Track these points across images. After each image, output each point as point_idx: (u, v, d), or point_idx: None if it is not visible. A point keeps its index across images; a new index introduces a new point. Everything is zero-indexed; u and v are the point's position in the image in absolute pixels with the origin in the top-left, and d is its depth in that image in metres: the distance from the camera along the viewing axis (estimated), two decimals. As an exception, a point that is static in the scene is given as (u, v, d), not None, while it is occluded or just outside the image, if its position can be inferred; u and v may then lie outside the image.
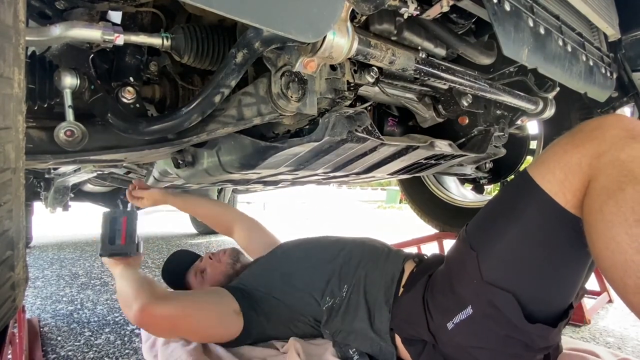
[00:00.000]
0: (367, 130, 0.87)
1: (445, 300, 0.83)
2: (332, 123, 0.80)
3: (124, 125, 0.67)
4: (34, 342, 1.18)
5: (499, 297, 0.74)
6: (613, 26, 1.08)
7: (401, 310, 0.93)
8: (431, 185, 2.16)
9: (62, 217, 3.58)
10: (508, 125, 1.26)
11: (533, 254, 0.74)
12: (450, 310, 0.81)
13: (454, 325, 0.80)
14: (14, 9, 0.36)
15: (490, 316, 0.76)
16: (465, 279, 0.80)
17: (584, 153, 0.68)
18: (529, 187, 0.74)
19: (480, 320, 0.77)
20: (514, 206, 0.77)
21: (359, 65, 0.84)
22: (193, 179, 1.03)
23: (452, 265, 0.87)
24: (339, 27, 0.60)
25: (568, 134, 0.73)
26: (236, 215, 1.50)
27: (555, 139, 0.76)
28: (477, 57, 0.88)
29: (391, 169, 1.22)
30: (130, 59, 0.72)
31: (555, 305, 0.77)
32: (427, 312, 0.86)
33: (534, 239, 0.73)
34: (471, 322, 0.78)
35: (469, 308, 0.78)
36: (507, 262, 0.76)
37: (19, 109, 0.41)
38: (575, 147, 0.69)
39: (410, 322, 0.90)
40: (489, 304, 0.75)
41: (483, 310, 0.76)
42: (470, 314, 0.78)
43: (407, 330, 0.91)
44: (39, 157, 0.67)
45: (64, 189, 2.16)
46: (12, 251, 0.54)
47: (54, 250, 2.86)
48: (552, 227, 0.72)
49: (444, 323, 0.82)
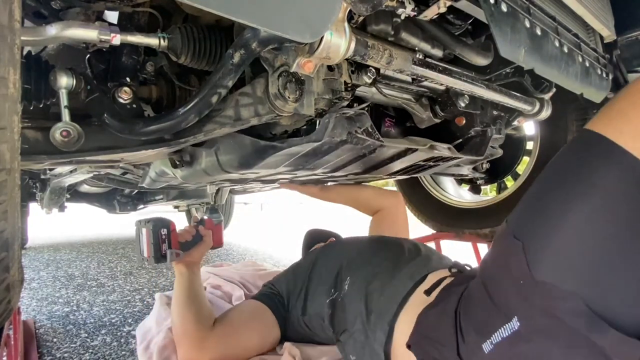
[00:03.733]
0: (367, 131, 0.87)
1: (482, 313, 0.62)
2: (332, 124, 0.80)
3: (121, 125, 0.66)
4: (29, 344, 1.17)
5: (559, 299, 0.52)
6: (609, 27, 1.08)
7: (424, 325, 0.74)
8: (428, 186, 2.16)
9: (58, 218, 3.56)
10: (505, 126, 1.27)
11: (609, 237, 0.52)
12: (488, 325, 0.59)
13: (493, 347, 0.58)
14: (9, 9, 0.36)
15: (545, 330, 0.53)
16: (508, 280, 0.58)
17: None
18: (600, 147, 0.54)
19: (532, 338, 0.54)
20: (577, 175, 0.55)
21: (356, 66, 0.84)
22: (191, 179, 1.03)
23: (490, 269, 0.66)
24: (337, 27, 0.60)
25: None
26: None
27: (626, 87, 0.56)
28: (474, 58, 0.88)
29: (390, 170, 1.22)
30: (127, 59, 0.72)
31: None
32: (459, 330, 0.65)
33: (611, 217, 0.52)
34: (518, 341, 0.55)
35: (514, 320, 0.56)
36: (570, 251, 0.53)
37: (14, 109, 0.41)
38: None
39: (434, 341, 0.69)
40: (543, 311, 0.53)
41: (535, 321, 0.54)
42: (517, 329, 0.55)
43: (428, 351, 0.70)
44: (35, 157, 0.67)
45: (59, 189, 2.15)
46: (7, 252, 0.53)
47: (49, 251, 2.84)
48: (637, 198, 0.51)
49: (479, 344, 0.59)
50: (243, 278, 1.72)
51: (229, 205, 3.68)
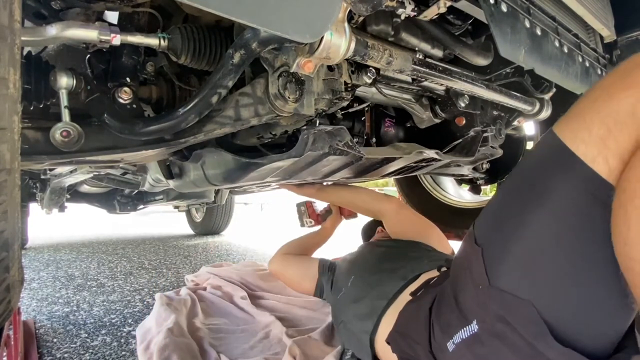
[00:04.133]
0: (347, 145, 0.85)
1: (449, 313, 0.64)
2: (312, 139, 0.79)
3: (121, 125, 0.66)
4: (29, 345, 1.17)
5: (513, 307, 0.53)
6: (609, 27, 1.08)
7: (401, 322, 0.78)
8: (428, 186, 2.17)
9: (58, 218, 3.56)
10: (505, 126, 1.27)
11: (561, 246, 0.51)
12: (451, 325, 0.62)
13: (455, 346, 0.60)
14: (9, 9, 0.36)
15: (500, 335, 0.54)
16: (469, 284, 0.60)
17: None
18: (555, 153, 0.54)
19: (487, 341, 0.56)
20: (533, 182, 0.56)
21: (356, 66, 0.84)
22: (183, 189, 1.07)
23: (456, 269, 0.69)
24: (337, 27, 0.60)
25: (611, 74, 0.52)
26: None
27: (591, 87, 0.54)
28: (474, 58, 0.88)
29: (382, 173, 1.23)
30: (127, 60, 0.72)
31: (599, 329, 0.52)
32: (431, 326, 0.68)
33: (562, 226, 0.51)
34: (475, 343, 0.57)
35: (473, 323, 0.58)
36: (524, 259, 0.54)
37: (15, 109, 0.41)
38: (626, 88, 0.48)
39: (408, 337, 0.72)
40: (497, 317, 0.54)
41: (491, 326, 0.55)
42: (475, 332, 0.57)
43: (402, 347, 0.74)
44: (35, 158, 0.67)
45: (60, 190, 2.15)
46: (8, 253, 0.53)
47: (49, 251, 2.84)
48: (588, 208, 0.50)
49: (445, 342, 0.62)
50: (243, 278, 1.72)
51: (229, 206, 3.68)
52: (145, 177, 1.36)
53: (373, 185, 15.89)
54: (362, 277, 1.05)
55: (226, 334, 1.22)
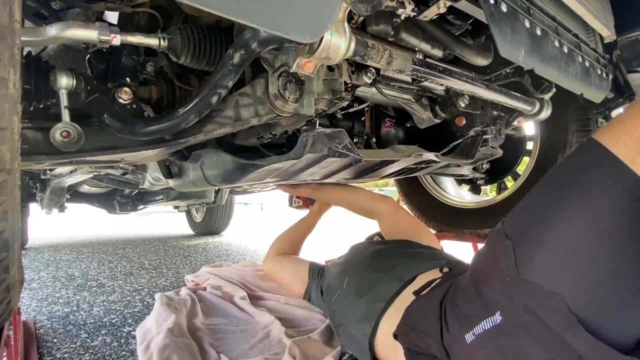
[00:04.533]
0: (346, 147, 0.85)
1: (468, 305, 0.64)
2: (311, 141, 0.79)
3: (121, 126, 0.66)
4: (29, 345, 1.17)
5: (542, 298, 0.53)
6: (609, 27, 1.08)
7: (410, 316, 0.78)
8: (428, 186, 2.16)
9: (58, 218, 3.56)
10: (505, 126, 1.27)
11: (596, 242, 0.52)
12: (472, 317, 0.62)
13: (475, 338, 0.60)
14: (9, 9, 0.36)
15: (525, 326, 0.55)
16: (495, 276, 0.60)
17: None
18: (596, 154, 0.55)
19: (511, 332, 0.56)
20: (573, 180, 0.56)
21: (356, 66, 0.84)
22: (183, 188, 1.08)
23: (479, 265, 0.69)
24: (337, 27, 0.60)
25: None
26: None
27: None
28: (474, 58, 0.88)
29: (381, 174, 1.23)
30: (127, 60, 0.72)
31: (625, 324, 0.53)
32: (443, 320, 0.68)
33: (599, 222, 0.52)
34: (498, 334, 0.57)
35: (497, 315, 0.58)
36: (557, 253, 0.54)
37: (15, 109, 0.41)
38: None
39: (420, 331, 0.72)
40: (525, 308, 0.54)
41: (516, 317, 0.56)
42: (498, 323, 0.57)
43: (412, 340, 0.73)
44: (35, 158, 0.67)
45: (60, 190, 2.15)
46: (7, 253, 0.53)
47: (49, 251, 2.84)
48: (626, 206, 0.51)
49: (462, 334, 0.62)
50: (243, 278, 1.72)
51: (229, 206, 3.68)
52: (145, 176, 1.36)
53: (373, 185, 15.93)
54: (357, 277, 1.05)
55: (226, 334, 1.22)
